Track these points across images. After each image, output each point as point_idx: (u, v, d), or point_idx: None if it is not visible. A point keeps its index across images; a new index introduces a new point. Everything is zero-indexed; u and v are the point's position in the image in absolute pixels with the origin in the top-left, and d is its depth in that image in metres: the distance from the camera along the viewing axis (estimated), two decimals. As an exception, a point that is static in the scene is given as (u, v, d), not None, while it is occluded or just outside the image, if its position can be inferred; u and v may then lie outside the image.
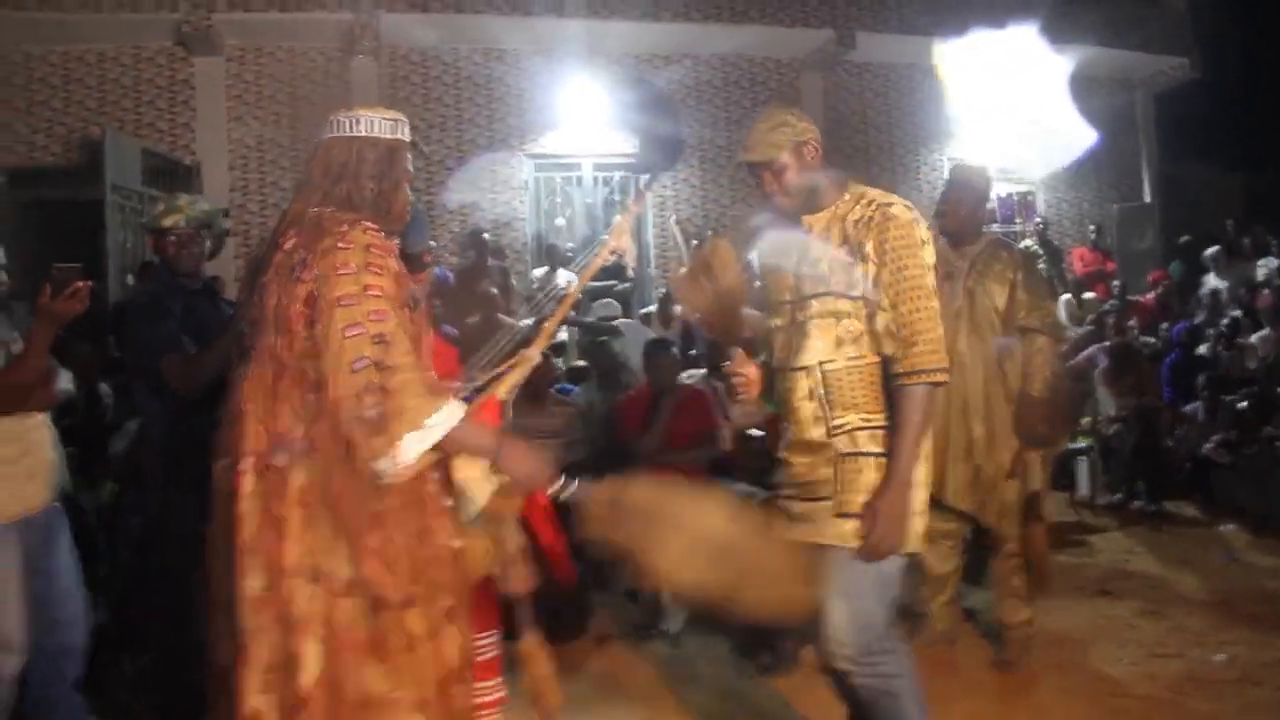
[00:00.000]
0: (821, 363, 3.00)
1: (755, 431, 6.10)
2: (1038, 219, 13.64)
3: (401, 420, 2.24)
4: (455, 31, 11.47)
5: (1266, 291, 11.40)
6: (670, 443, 5.79)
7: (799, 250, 3.09)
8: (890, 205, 2.98)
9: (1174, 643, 5.08)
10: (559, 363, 8.04)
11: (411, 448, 2.26)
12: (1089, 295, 12.23)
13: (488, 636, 3.66)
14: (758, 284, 3.35)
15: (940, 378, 2.92)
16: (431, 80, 11.83)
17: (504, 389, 2.94)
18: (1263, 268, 12.43)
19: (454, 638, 2.45)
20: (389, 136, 2.54)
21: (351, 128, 2.52)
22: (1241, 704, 4.36)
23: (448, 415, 2.31)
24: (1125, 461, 8.14)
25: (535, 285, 10.22)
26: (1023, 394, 4.59)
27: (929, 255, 2.96)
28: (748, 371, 3.23)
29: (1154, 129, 14.79)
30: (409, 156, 2.60)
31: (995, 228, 12.89)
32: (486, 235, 10.74)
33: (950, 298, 4.61)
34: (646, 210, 12.24)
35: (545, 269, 10.44)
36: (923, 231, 2.96)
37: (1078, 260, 13.21)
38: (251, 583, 2.27)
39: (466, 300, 9.29)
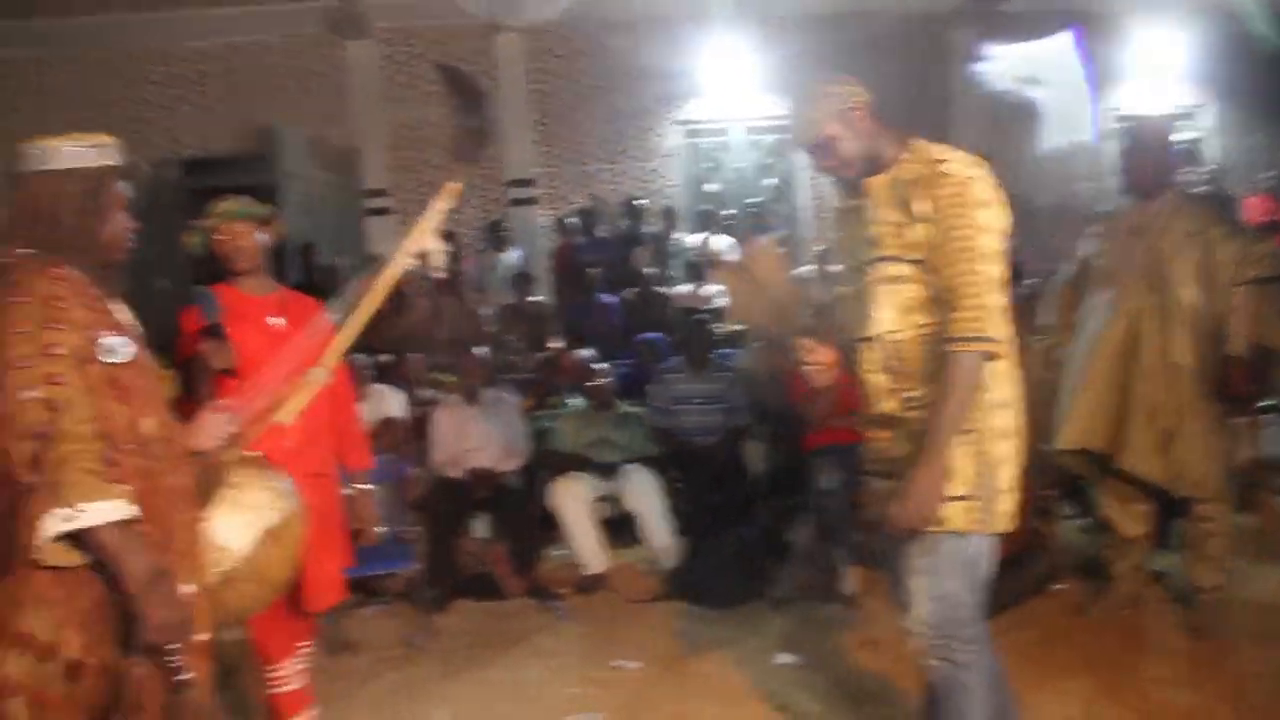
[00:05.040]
0: (890, 333, 2.86)
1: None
2: (1208, 166, 13.03)
3: (55, 494, 2.05)
4: (598, 2, 11.51)
5: None
6: (839, 408, 5.76)
7: (861, 215, 2.95)
8: (945, 161, 2.78)
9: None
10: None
11: (53, 525, 2.05)
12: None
13: (288, 665, 3.66)
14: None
15: (980, 347, 2.69)
16: (575, 52, 11.85)
17: (286, 412, 2.82)
18: None
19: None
20: (94, 165, 2.33)
21: (48, 161, 2.30)
22: None
23: (105, 510, 2.08)
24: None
25: (691, 252, 10.26)
26: (1224, 354, 4.37)
27: (989, 216, 2.73)
28: (823, 356, 3.14)
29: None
30: (118, 182, 2.39)
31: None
32: (644, 203, 10.85)
33: (1131, 255, 4.49)
34: (794, 171, 12.14)
35: (701, 235, 10.46)
36: (982, 190, 2.74)
37: (1252, 209, 12.58)
38: None
39: (624, 271, 9.45)
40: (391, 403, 6.12)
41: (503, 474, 6.01)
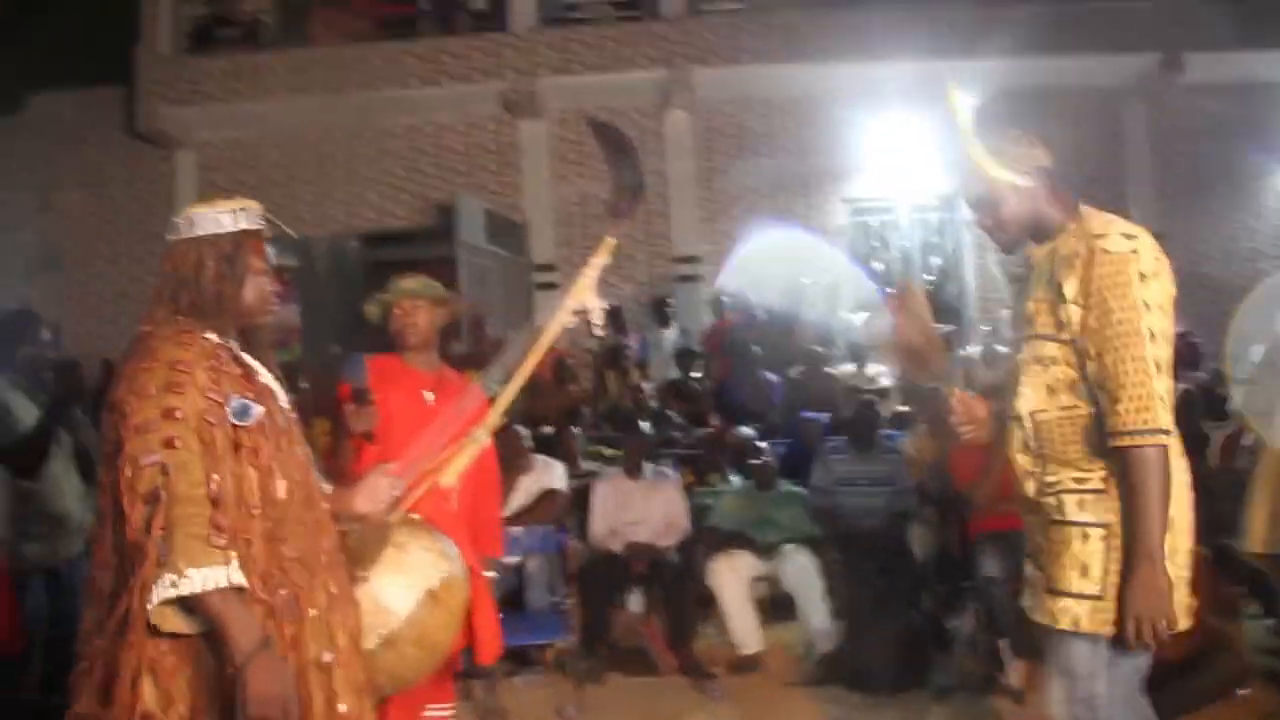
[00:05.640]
0: (1033, 412, 2.71)
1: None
2: None
3: (165, 559, 2.04)
4: (767, 81, 11.63)
5: None
6: (1006, 491, 5.59)
7: (1020, 288, 2.84)
8: (1102, 237, 2.58)
9: None
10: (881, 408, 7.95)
11: (160, 591, 2.04)
12: None
13: (443, 709, 3.64)
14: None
15: (1150, 440, 2.49)
16: (745, 130, 12.04)
17: (449, 475, 2.80)
18: None
19: None
20: (230, 230, 2.34)
21: (189, 229, 2.34)
22: None
23: (211, 576, 2.06)
24: None
25: (856, 331, 10.18)
26: None
27: (1153, 293, 2.54)
28: (974, 409, 2.96)
29: None
30: (261, 245, 2.40)
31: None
32: (808, 280, 10.82)
33: None
34: (961, 250, 11.96)
35: (865, 314, 10.36)
36: (1145, 264, 2.55)
37: None
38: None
39: (789, 348, 9.42)
40: (553, 474, 6.19)
41: (661, 549, 6.01)
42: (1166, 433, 2.52)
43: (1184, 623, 2.63)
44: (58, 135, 12.26)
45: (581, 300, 2.93)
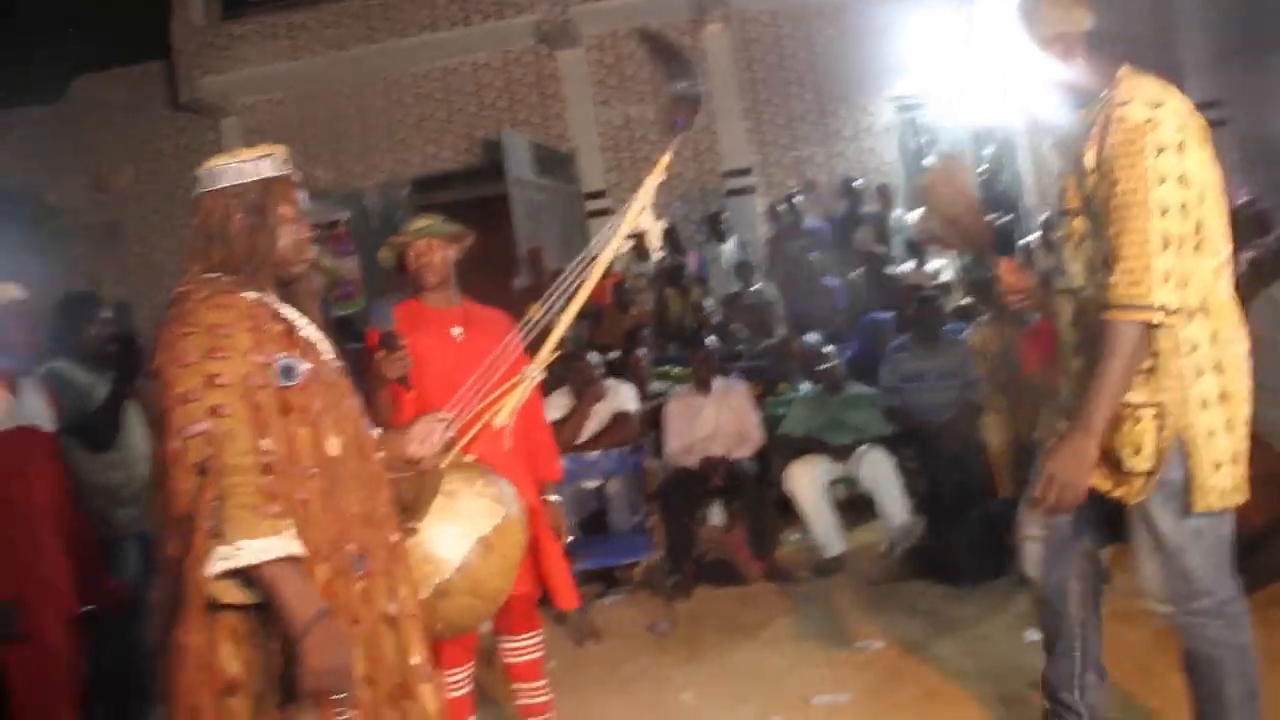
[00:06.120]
0: (1076, 289, 2.67)
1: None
2: None
3: (217, 531, 1.97)
4: (802, -15, 11.49)
5: None
6: (1076, 374, 5.58)
7: (1058, 158, 2.76)
8: (1124, 105, 2.48)
9: None
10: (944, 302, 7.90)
11: (213, 564, 1.96)
12: None
13: (459, 672, 3.59)
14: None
15: (1140, 315, 2.44)
16: (784, 39, 11.90)
17: (503, 415, 2.68)
18: None
19: None
20: (255, 178, 2.23)
21: (212, 182, 2.23)
22: None
23: (264, 547, 1.96)
24: None
25: (912, 228, 10.10)
26: None
27: (1170, 166, 2.44)
28: (1021, 278, 2.90)
29: None
30: (291, 190, 2.29)
31: None
32: (858, 183, 10.73)
33: None
34: (1014, 137, 11.74)
35: (920, 211, 10.28)
36: (1164, 135, 2.45)
37: None
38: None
39: (845, 252, 9.38)
40: (624, 397, 6.26)
41: (737, 461, 6.08)
42: (1154, 309, 2.46)
43: (1240, 496, 2.62)
44: (104, 116, 12.49)
45: (637, 223, 2.88)
